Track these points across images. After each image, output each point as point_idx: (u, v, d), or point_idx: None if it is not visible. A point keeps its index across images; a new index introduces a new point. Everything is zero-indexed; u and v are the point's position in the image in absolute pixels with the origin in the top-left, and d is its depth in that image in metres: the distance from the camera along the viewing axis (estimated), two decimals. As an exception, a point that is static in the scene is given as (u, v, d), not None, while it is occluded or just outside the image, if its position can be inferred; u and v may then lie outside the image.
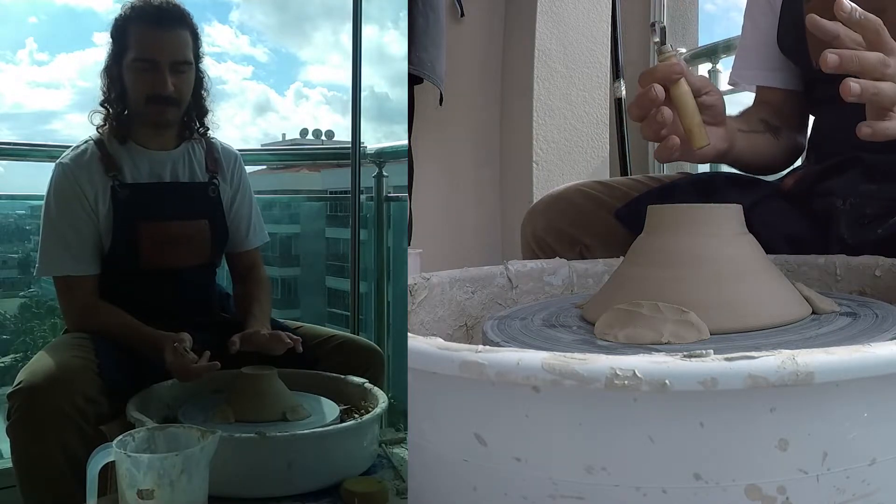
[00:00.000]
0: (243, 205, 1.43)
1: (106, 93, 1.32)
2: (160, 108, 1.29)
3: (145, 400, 1.09)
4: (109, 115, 1.32)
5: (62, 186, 1.27)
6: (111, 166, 1.29)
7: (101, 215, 1.27)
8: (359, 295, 1.97)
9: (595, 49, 2.16)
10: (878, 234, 0.91)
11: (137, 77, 1.28)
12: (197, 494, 0.79)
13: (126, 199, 1.28)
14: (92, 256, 1.27)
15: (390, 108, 2.55)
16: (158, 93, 1.27)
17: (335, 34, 28.40)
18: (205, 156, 1.39)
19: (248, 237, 1.44)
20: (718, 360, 0.43)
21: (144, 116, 1.31)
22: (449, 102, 1.96)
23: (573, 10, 2.12)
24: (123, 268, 1.28)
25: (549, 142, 2.09)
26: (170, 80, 1.27)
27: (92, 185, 1.27)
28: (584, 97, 2.14)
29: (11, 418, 1.05)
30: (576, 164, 2.13)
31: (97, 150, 1.29)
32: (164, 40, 1.28)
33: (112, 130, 1.32)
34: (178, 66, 1.29)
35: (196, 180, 1.37)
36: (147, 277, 1.28)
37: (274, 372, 1.12)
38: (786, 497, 0.45)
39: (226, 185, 1.40)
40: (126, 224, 1.27)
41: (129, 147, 1.32)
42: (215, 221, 1.36)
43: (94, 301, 1.26)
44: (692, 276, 0.68)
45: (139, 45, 1.27)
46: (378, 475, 1.05)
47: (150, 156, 1.33)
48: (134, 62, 1.27)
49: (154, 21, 1.28)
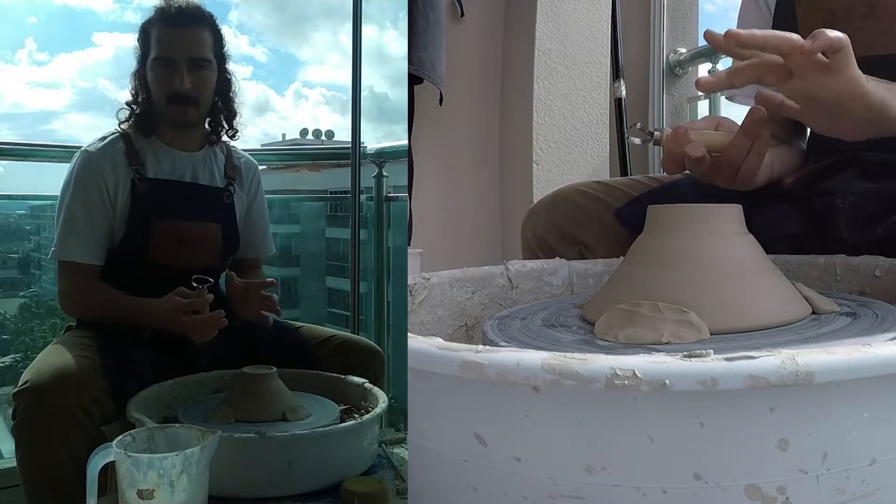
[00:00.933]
0: (257, 215, 1.46)
1: (133, 94, 1.35)
2: (181, 108, 1.32)
3: (145, 400, 1.09)
4: (134, 112, 1.34)
5: (84, 174, 1.29)
6: (134, 159, 1.31)
7: (118, 206, 1.29)
8: (359, 295, 1.97)
9: (595, 49, 2.16)
10: (878, 233, 0.91)
11: (158, 76, 1.31)
12: (197, 494, 0.79)
13: (145, 192, 1.30)
14: (101, 246, 1.29)
15: (390, 108, 2.55)
16: (177, 90, 1.30)
17: (334, 34, 28.34)
18: (225, 162, 1.41)
19: (258, 247, 1.48)
20: (718, 360, 0.43)
21: (167, 116, 1.33)
22: (449, 102, 1.96)
23: (573, 10, 2.12)
24: (132, 260, 1.29)
25: (549, 142, 2.09)
26: (188, 78, 1.30)
27: (114, 175, 1.29)
28: (584, 97, 2.14)
29: (17, 417, 1.06)
30: (576, 164, 2.13)
31: (123, 143, 1.32)
32: (181, 38, 1.30)
33: (137, 125, 1.34)
34: (196, 63, 1.31)
35: (214, 185, 1.39)
36: (154, 273, 1.28)
37: (274, 372, 1.12)
38: (786, 497, 0.45)
39: (242, 193, 1.43)
40: (141, 217, 1.29)
41: (153, 142, 1.34)
42: (227, 228, 1.38)
43: (93, 284, 1.28)
44: (692, 276, 0.68)
45: (159, 44, 1.31)
46: (378, 475, 1.05)
47: (173, 154, 1.35)
48: (154, 61, 1.31)
49: (173, 21, 1.31)
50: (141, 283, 1.27)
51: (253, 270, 1.46)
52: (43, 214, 2.68)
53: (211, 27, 1.34)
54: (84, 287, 1.28)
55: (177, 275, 1.30)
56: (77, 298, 1.30)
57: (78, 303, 1.30)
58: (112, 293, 1.26)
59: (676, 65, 2.38)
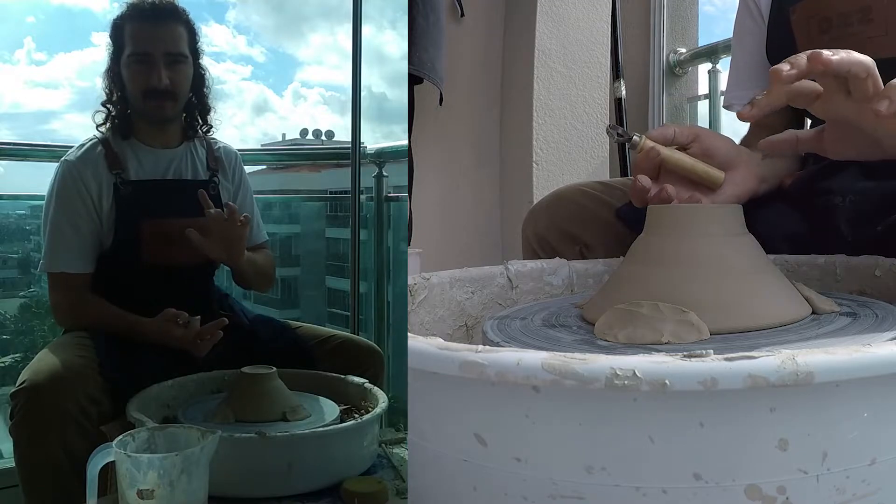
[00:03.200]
0: (244, 203, 1.44)
1: (108, 93, 1.34)
2: (158, 103, 1.31)
3: (145, 400, 1.09)
4: (111, 114, 1.33)
5: (65, 184, 1.28)
6: (115, 163, 1.30)
7: (103, 212, 1.28)
8: (359, 295, 1.97)
9: (595, 49, 2.16)
10: (878, 232, 0.91)
11: (133, 72, 1.30)
12: (197, 494, 0.79)
13: (129, 196, 1.29)
14: (90, 255, 1.28)
15: (390, 108, 2.55)
16: (154, 86, 1.29)
17: (332, 35, 28.42)
18: (206, 154, 1.40)
19: (250, 234, 1.45)
20: (718, 360, 0.43)
21: (144, 112, 1.32)
22: (449, 102, 1.96)
23: (573, 10, 2.12)
24: (124, 264, 1.28)
25: (549, 142, 2.09)
26: (164, 73, 1.29)
27: (96, 181, 1.28)
28: (584, 97, 2.14)
29: (15, 417, 1.06)
30: (576, 164, 2.13)
31: (102, 148, 1.31)
32: (156, 34, 1.30)
33: (114, 128, 1.33)
34: (173, 58, 1.31)
35: (198, 178, 1.38)
36: (147, 274, 1.28)
37: (274, 372, 1.12)
38: (786, 497, 0.45)
39: (227, 182, 1.42)
40: (128, 221, 1.28)
41: (132, 144, 1.33)
42: None
43: (86, 296, 1.27)
44: (692, 276, 0.68)
45: (134, 40, 1.30)
46: (378, 475, 1.05)
47: (153, 153, 1.34)
48: (129, 57, 1.30)
49: (147, 16, 1.30)
50: (135, 287, 1.27)
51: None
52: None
53: (185, 22, 1.34)
54: (76, 300, 1.27)
55: (171, 274, 1.30)
56: (69, 311, 1.29)
57: (70, 316, 1.29)
58: (104, 308, 1.25)
59: (676, 65, 2.38)
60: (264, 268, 1.42)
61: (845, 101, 0.73)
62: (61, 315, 1.30)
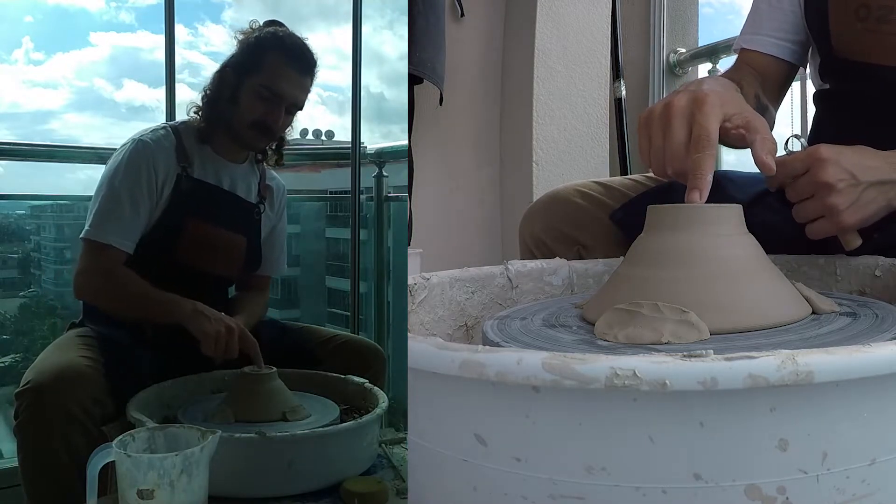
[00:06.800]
0: (279, 236, 1.48)
1: (213, 94, 1.34)
2: (259, 137, 1.34)
3: (145, 400, 1.09)
4: (202, 115, 1.34)
5: (137, 161, 1.27)
6: (183, 156, 1.31)
7: (161, 199, 1.28)
8: (359, 295, 1.97)
9: (595, 49, 2.16)
10: (875, 240, 0.90)
11: (254, 101, 1.30)
12: (197, 494, 0.79)
13: (186, 190, 1.30)
14: (137, 236, 1.27)
15: (390, 109, 2.55)
16: (268, 125, 1.31)
17: (330, 35, 28.19)
18: (259, 180, 1.43)
19: (272, 267, 1.49)
20: (718, 360, 0.43)
21: (239, 135, 1.34)
22: (449, 102, 1.96)
23: (573, 10, 2.12)
24: (157, 254, 1.27)
25: (549, 142, 2.09)
26: (283, 119, 1.32)
27: (166, 167, 1.29)
28: (584, 97, 2.14)
29: (20, 417, 1.05)
30: (576, 164, 2.13)
31: (174, 139, 1.32)
32: (295, 82, 1.32)
33: (197, 128, 1.34)
34: (294, 108, 1.34)
35: (249, 199, 1.40)
36: (175, 271, 1.28)
37: (274, 372, 1.12)
38: (786, 497, 0.45)
39: (271, 213, 1.45)
40: (177, 215, 1.29)
41: (202, 148, 1.34)
42: (252, 243, 1.39)
43: (120, 269, 1.24)
44: (692, 276, 0.68)
45: (272, 75, 1.30)
46: (378, 475, 1.05)
47: (218, 161, 1.36)
48: (260, 87, 1.30)
49: (293, 60, 1.32)
50: (159, 280, 1.26)
51: (261, 286, 1.48)
52: (43, 214, 2.68)
53: (314, 76, 1.36)
54: (109, 270, 1.23)
55: (196, 277, 1.30)
56: (98, 280, 1.24)
57: (97, 285, 1.25)
58: (139, 281, 1.22)
59: (676, 65, 2.38)
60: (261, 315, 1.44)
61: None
62: (86, 283, 1.26)
